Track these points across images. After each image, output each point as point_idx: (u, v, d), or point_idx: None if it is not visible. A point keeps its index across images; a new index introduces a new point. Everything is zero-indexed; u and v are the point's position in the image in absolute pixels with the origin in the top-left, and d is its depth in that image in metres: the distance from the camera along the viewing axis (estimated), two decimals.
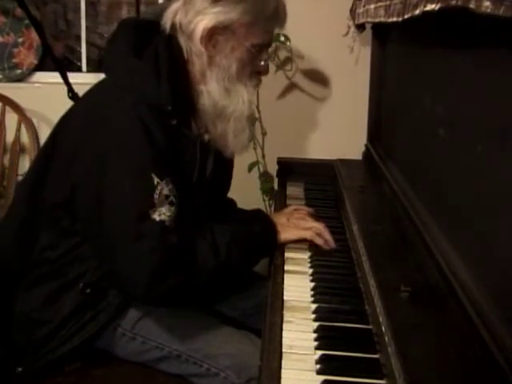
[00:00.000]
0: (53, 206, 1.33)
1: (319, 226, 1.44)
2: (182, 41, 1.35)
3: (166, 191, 1.24)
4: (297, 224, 1.44)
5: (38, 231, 1.35)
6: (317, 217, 1.53)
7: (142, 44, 1.33)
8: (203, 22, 1.32)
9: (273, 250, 1.40)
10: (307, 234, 1.42)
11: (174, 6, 1.37)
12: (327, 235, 1.42)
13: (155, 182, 1.23)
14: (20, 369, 1.33)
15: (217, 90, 1.36)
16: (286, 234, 1.42)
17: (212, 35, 1.33)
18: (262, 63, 1.41)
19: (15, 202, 1.46)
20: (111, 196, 1.23)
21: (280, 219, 1.46)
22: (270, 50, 2.29)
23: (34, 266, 1.35)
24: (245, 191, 1.72)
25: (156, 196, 1.22)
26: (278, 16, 1.39)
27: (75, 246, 1.33)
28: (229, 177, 1.60)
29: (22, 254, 1.36)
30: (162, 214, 1.23)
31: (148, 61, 1.31)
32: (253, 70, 1.40)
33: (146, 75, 1.30)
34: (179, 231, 1.25)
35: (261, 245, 1.40)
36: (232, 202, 1.69)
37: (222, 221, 1.39)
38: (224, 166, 1.51)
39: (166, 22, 1.36)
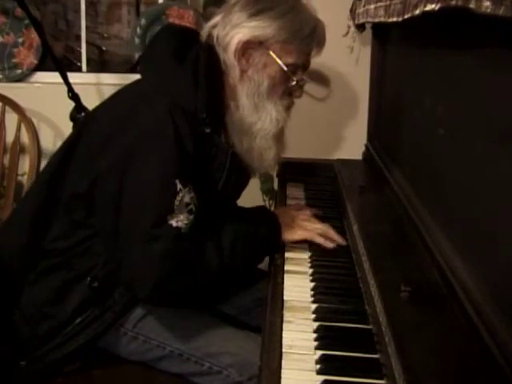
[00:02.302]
0: (70, 196, 1.33)
1: (324, 228, 1.44)
2: (219, 52, 1.36)
3: (187, 199, 1.23)
4: (301, 225, 1.44)
5: (52, 219, 1.35)
6: (321, 218, 1.52)
7: (183, 50, 1.34)
8: (238, 36, 1.33)
9: (276, 249, 1.40)
10: (308, 235, 1.42)
11: (214, 20, 1.39)
12: (334, 235, 1.42)
13: (178, 188, 1.22)
14: (23, 363, 1.33)
15: (246, 105, 1.36)
16: (290, 234, 1.42)
17: (246, 49, 1.34)
18: (295, 84, 1.40)
19: (34, 189, 1.46)
20: (132, 195, 1.23)
21: (285, 219, 1.44)
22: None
23: (44, 254, 1.35)
24: (245, 191, 1.72)
25: (176, 202, 1.22)
26: (314, 37, 1.39)
27: (86, 238, 1.33)
28: (244, 187, 1.60)
29: (33, 240, 1.36)
30: (180, 220, 1.22)
31: (188, 66, 1.32)
32: (285, 90, 1.40)
33: (184, 80, 1.31)
34: (193, 238, 1.25)
35: (265, 245, 1.39)
36: None
37: (224, 218, 1.38)
38: (245, 178, 1.51)
39: (205, 34, 1.38)
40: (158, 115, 1.25)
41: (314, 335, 1.05)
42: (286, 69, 1.36)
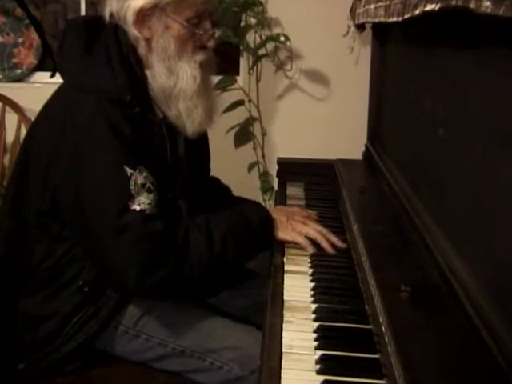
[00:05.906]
0: (38, 216, 1.33)
1: (315, 234, 1.40)
2: (125, 28, 1.34)
3: (140, 180, 1.25)
4: (295, 226, 1.41)
5: (31, 242, 1.36)
6: (318, 221, 1.49)
7: (92, 40, 1.33)
8: (131, 6, 1.31)
9: (269, 245, 1.39)
10: (300, 240, 1.39)
11: None
12: (325, 242, 1.39)
13: (128, 174, 1.24)
14: (22, 365, 1.34)
15: (160, 71, 1.35)
16: (282, 233, 1.40)
17: (143, 17, 1.32)
18: (203, 35, 1.36)
19: (1, 216, 1.45)
20: (89, 196, 1.24)
21: (280, 216, 1.42)
22: (270, 48, 2.31)
23: (33, 274, 1.36)
24: (245, 191, 1.72)
25: (132, 186, 1.23)
26: None
27: (69, 249, 1.34)
28: (206, 152, 1.60)
29: (19, 267, 1.37)
30: (142, 203, 1.23)
31: (99, 55, 1.32)
32: (195, 45, 1.36)
33: (99, 70, 1.31)
34: (164, 217, 1.26)
35: (257, 239, 1.39)
36: (226, 189, 1.70)
37: (217, 209, 1.38)
38: (197, 143, 1.48)
39: (106, 12, 1.36)
40: (88, 115, 1.26)
41: (314, 335, 1.05)
42: (186, 25, 1.33)
